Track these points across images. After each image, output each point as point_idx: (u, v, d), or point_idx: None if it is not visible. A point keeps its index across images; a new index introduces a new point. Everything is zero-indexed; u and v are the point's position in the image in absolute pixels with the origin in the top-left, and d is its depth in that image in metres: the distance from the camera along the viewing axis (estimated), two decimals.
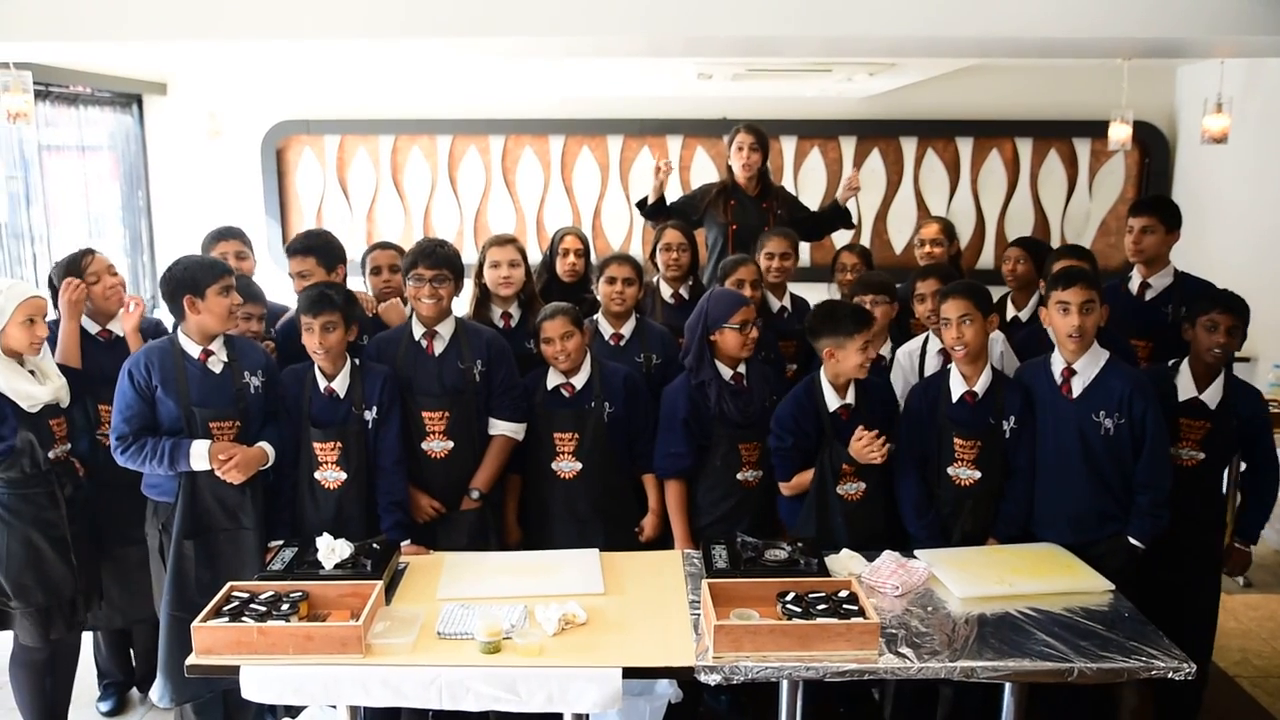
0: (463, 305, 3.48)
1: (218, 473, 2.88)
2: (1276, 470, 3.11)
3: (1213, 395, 2.99)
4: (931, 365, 3.37)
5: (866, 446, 2.89)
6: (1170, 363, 3.08)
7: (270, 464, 2.99)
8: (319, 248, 3.45)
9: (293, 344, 3.23)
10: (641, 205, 4.47)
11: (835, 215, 4.54)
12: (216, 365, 2.96)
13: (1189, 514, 2.97)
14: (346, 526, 2.94)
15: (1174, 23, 3.31)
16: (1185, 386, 3.00)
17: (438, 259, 3.09)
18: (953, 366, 3.07)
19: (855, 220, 4.69)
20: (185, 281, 2.90)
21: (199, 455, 2.87)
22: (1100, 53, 4.18)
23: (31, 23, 3.45)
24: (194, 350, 2.95)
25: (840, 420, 3.01)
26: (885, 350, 3.49)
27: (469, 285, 3.43)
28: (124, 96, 6.50)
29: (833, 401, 3.03)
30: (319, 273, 3.39)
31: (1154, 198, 3.81)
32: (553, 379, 3.22)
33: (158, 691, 3.00)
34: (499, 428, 3.16)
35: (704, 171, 6.60)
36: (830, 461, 2.98)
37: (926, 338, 3.42)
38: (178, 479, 2.92)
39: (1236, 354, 3.96)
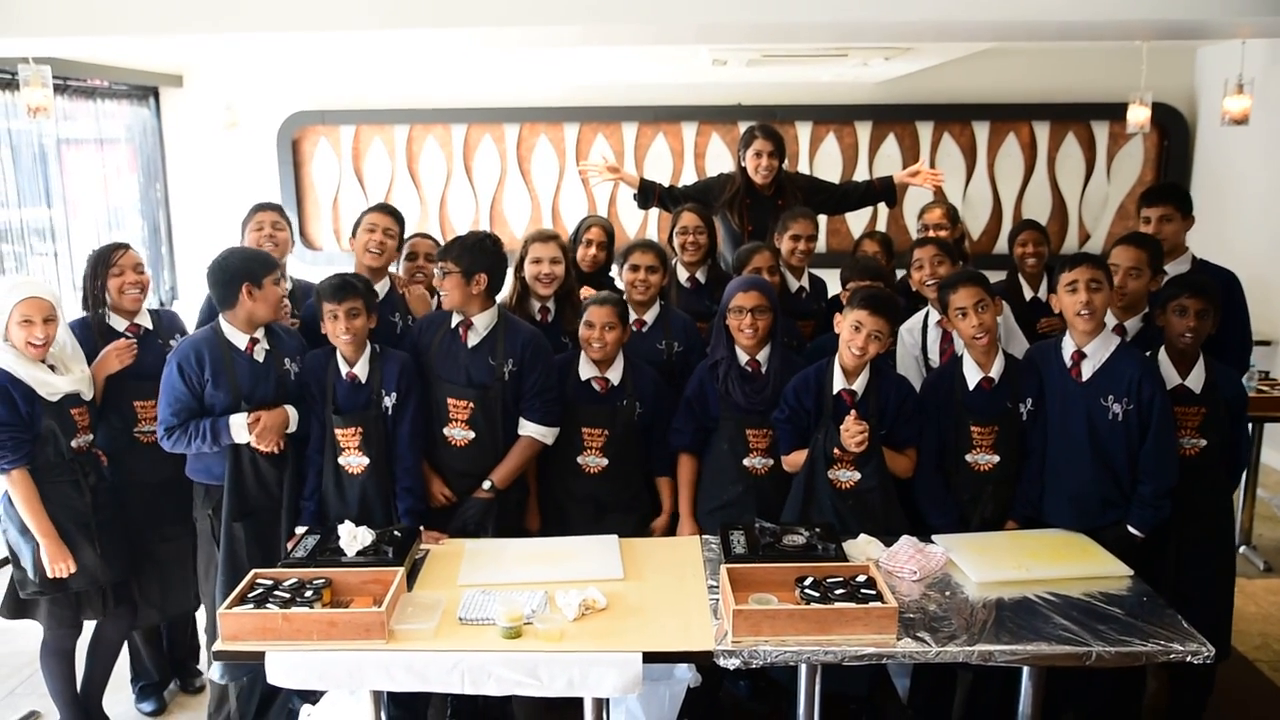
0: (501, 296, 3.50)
1: (252, 441, 2.95)
2: (1244, 454, 3.13)
3: (1196, 380, 2.96)
4: (934, 336, 3.37)
5: (848, 431, 2.89)
6: (1148, 353, 3.05)
7: (294, 429, 3.04)
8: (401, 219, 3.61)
9: (314, 329, 3.28)
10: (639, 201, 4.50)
11: (884, 193, 4.43)
12: (260, 354, 3.03)
13: (1197, 507, 2.94)
14: (370, 511, 3.00)
15: (1194, 4, 3.28)
16: (1168, 374, 2.96)
17: (448, 250, 3.09)
18: (965, 355, 3.06)
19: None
20: (244, 271, 2.96)
21: (238, 427, 2.95)
22: (1119, 35, 4.15)
23: (49, 18, 3.48)
24: (240, 341, 3.00)
25: (842, 403, 3.00)
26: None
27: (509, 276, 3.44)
28: (141, 89, 6.55)
29: (838, 383, 3.02)
30: (395, 230, 3.55)
31: (1166, 185, 3.77)
32: (585, 370, 3.21)
33: (217, 670, 3.08)
34: (528, 429, 3.12)
35: (718, 158, 6.60)
36: (824, 444, 2.98)
37: (927, 312, 3.41)
38: (225, 462, 2.99)
39: (1256, 338, 3.95)
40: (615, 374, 3.21)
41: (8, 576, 3.10)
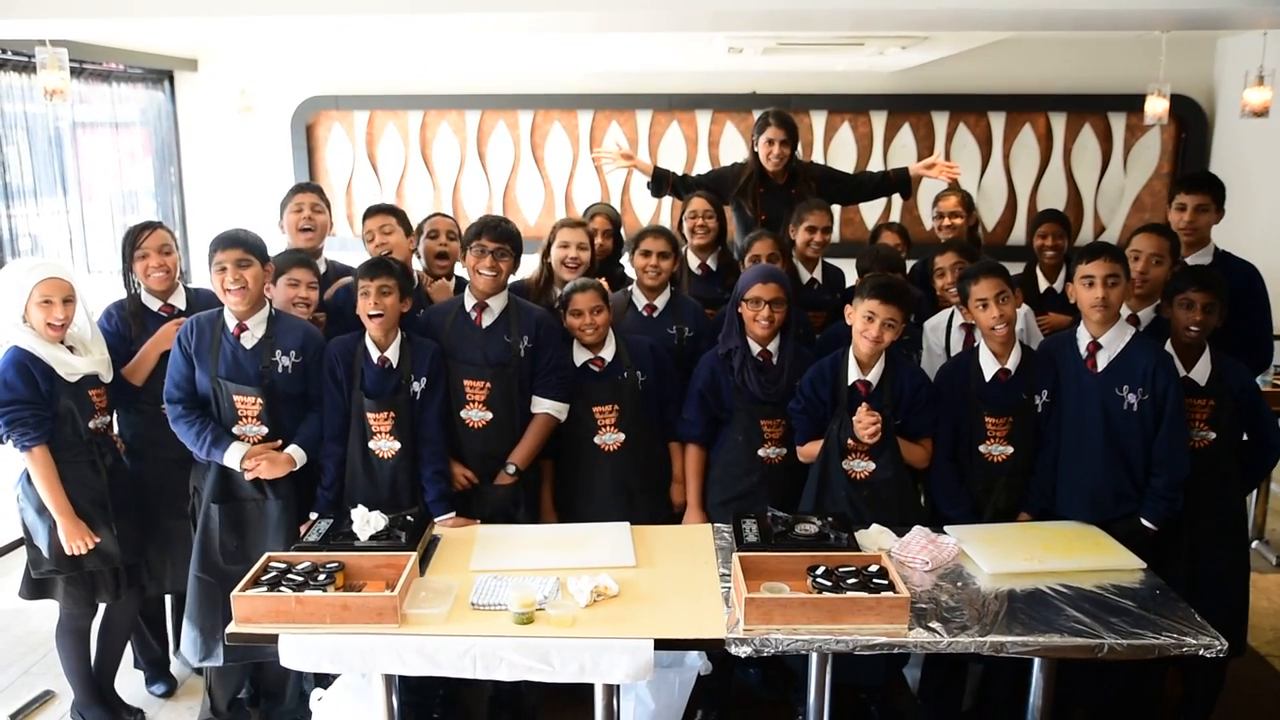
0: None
1: (245, 469, 2.97)
2: (1272, 449, 3.07)
3: (1201, 372, 2.95)
4: (957, 338, 3.36)
5: (860, 422, 2.88)
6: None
7: (299, 466, 3.04)
8: (398, 211, 3.63)
9: (342, 316, 3.30)
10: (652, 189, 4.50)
11: (899, 184, 4.41)
12: (249, 341, 3.02)
13: (1207, 500, 2.93)
14: (399, 495, 3.02)
15: None
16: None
17: (501, 233, 3.13)
18: (981, 345, 3.05)
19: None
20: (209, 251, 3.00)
21: (233, 458, 2.97)
22: (1138, 25, 4.11)
23: (67, 0, 3.49)
24: (231, 323, 3.01)
25: (857, 394, 3.00)
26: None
27: (526, 260, 3.45)
28: (156, 73, 6.55)
29: (853, 374, 3.02)
30: (399, 231, 3.54)
31: (1204, 175, 3.68)
32: (580, 355, 3.23)
33: (184, 648, 3.12)
34: (542, 406, 3.16)
35: (733, 146, 6.56)
36: (838, 434, 2.97)
37: (952, 313, 3.40)
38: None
39: (1276, 333, 3.91)
40: (608, 351, 3.24)
41: (24, 561, 3.13)
